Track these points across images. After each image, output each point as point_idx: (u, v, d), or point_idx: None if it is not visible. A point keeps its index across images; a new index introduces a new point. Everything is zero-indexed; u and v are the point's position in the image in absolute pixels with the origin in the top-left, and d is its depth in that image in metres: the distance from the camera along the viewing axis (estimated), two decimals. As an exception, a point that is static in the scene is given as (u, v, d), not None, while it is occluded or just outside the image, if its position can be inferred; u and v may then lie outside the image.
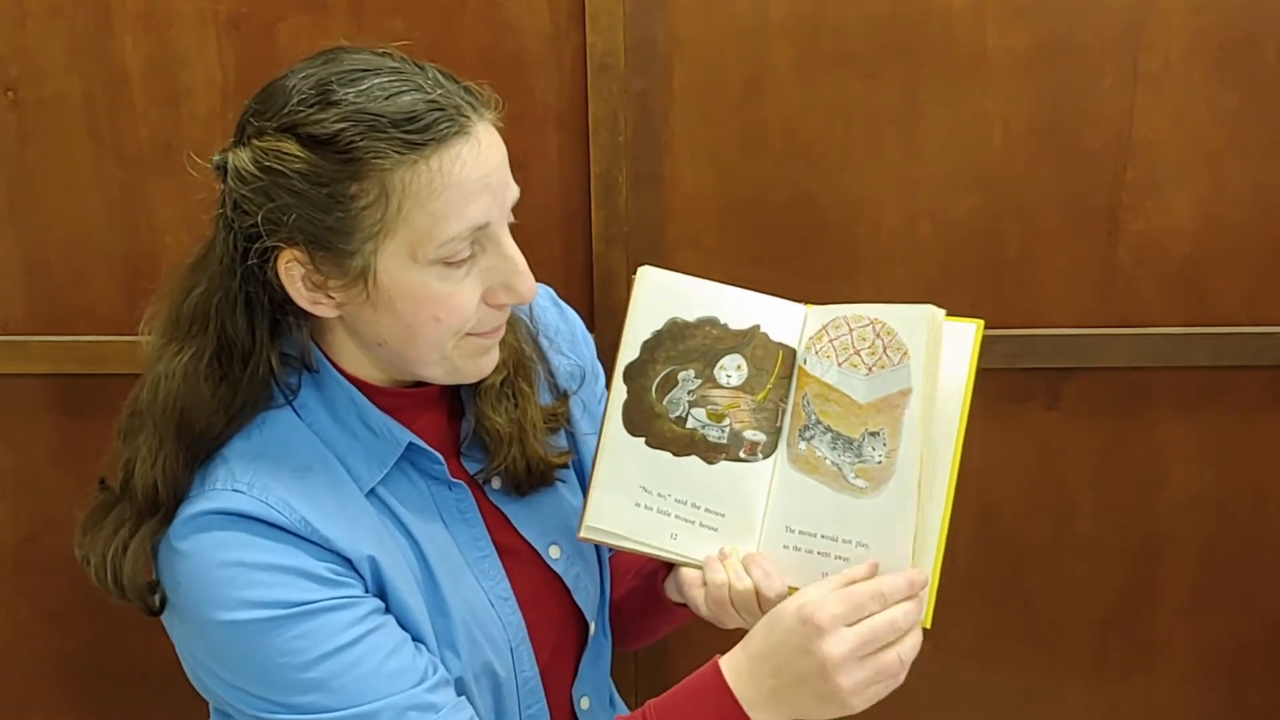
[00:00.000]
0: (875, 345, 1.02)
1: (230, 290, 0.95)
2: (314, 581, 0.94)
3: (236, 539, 0.93)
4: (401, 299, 0.93)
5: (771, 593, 0.99)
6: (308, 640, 0.93)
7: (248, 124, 0.93)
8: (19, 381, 1.56)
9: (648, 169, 1.46)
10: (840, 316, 1.05)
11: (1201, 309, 1.51)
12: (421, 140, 0.89)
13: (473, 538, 1.06)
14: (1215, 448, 1.57)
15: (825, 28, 1.42)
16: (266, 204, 0.90)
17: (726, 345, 1.06)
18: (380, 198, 0.90)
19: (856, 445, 1.01)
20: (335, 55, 0.94)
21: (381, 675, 0.94)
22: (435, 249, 0.91)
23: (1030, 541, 1.62)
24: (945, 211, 1.48)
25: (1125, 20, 1.41)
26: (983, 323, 1.02)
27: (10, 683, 1.70)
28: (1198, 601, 1.64)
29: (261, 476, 0.95)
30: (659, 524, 1.05)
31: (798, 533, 1.02)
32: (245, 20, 1.42)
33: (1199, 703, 1.69)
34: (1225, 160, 1.45)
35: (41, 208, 1.50)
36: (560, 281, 1.48)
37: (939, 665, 1.65)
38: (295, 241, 0.91)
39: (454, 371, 1.00)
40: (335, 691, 0.93)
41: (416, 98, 0.90)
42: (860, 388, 1.01)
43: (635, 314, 1.07)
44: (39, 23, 1.43)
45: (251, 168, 0.91)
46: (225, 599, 0.92)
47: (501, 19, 1.42)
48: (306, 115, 0.90)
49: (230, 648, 0.94)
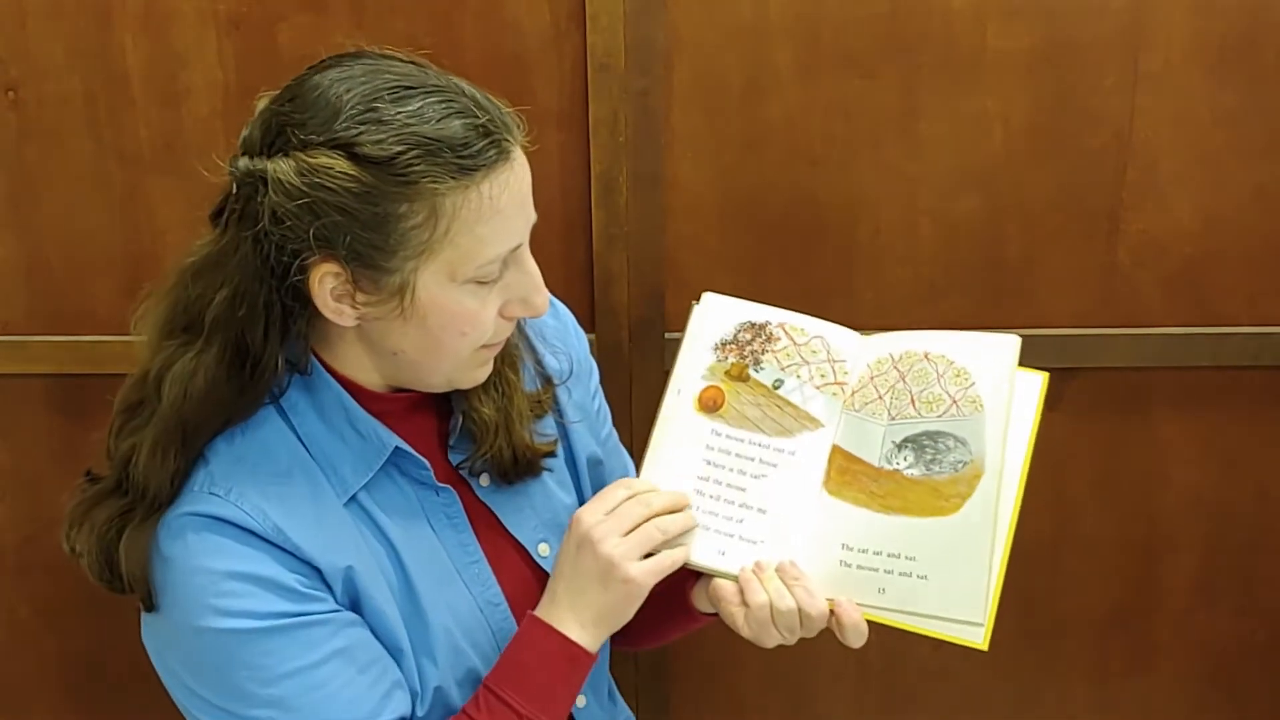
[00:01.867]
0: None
1: (256, 298, 0.94)
2: (284, 594, 0.95)
3: (210, 544, 0.94)
4: (435, 315, 0.94)
5: (815, 611, 1.00)
6: (273, 657, 0.94)
7: (290, 134, 0.90)
8: (19, 381, 1.56)
9: (648, 169, 1.46)
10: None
11: (1201, 309, 1.51)
12: (474, 165, 0.90)
13: (461, 543, 1.07)
14: (1215, 448, 1.57)
15: (825, 28, 1.42)
16: (314, 221, 0.89)
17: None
18: (429, 219, 0.90)
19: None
20: (374, 64, 0.93)
21: (339, 703, 0.96)
22: (474, 269, 0.93)
23: (1030, 541, 1.61)
24: (945, 211, 1.48)
25: (1125, 20, 1.41)
26: (1048, 375, 1.07)
27: (10, 683, 1.70)
28: (1198, 601, 1.64)
29: (239, 481, 0.96)
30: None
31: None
32: (245, 20, 1.42)
33: (1199, 703, 1.69)
34: (1225, 160, 1.45)
35: (42, 208, 1.50)
36: (560, 281, 1.48)
37: (939, 665, 1.65)
38: (337, 256, 0.91)
39: (455, 380, 1.02)
40: (293, 711, 0.95)
41: (467, 122, 0.91)
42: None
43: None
44: (39, 23, 1.43)
45: (297, 181, 0.89)
46: (196, 605, 0.94)
47: (501, 19, 1.42)
48: (360, 133, 0.89)
49: (196, 654, 0.96)
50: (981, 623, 1.00)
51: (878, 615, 1.02)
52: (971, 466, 1.02)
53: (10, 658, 1.69)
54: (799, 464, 1.06)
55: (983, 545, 1.00)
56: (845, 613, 1.01)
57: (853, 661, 1.67)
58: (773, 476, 1.06)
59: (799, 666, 1.68)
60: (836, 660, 1.67)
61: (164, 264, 1.47)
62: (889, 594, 1.01)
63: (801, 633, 1.02)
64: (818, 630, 1.02)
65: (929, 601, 1.01)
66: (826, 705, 1.69)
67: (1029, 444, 1.04)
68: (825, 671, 1.68)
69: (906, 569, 1.01)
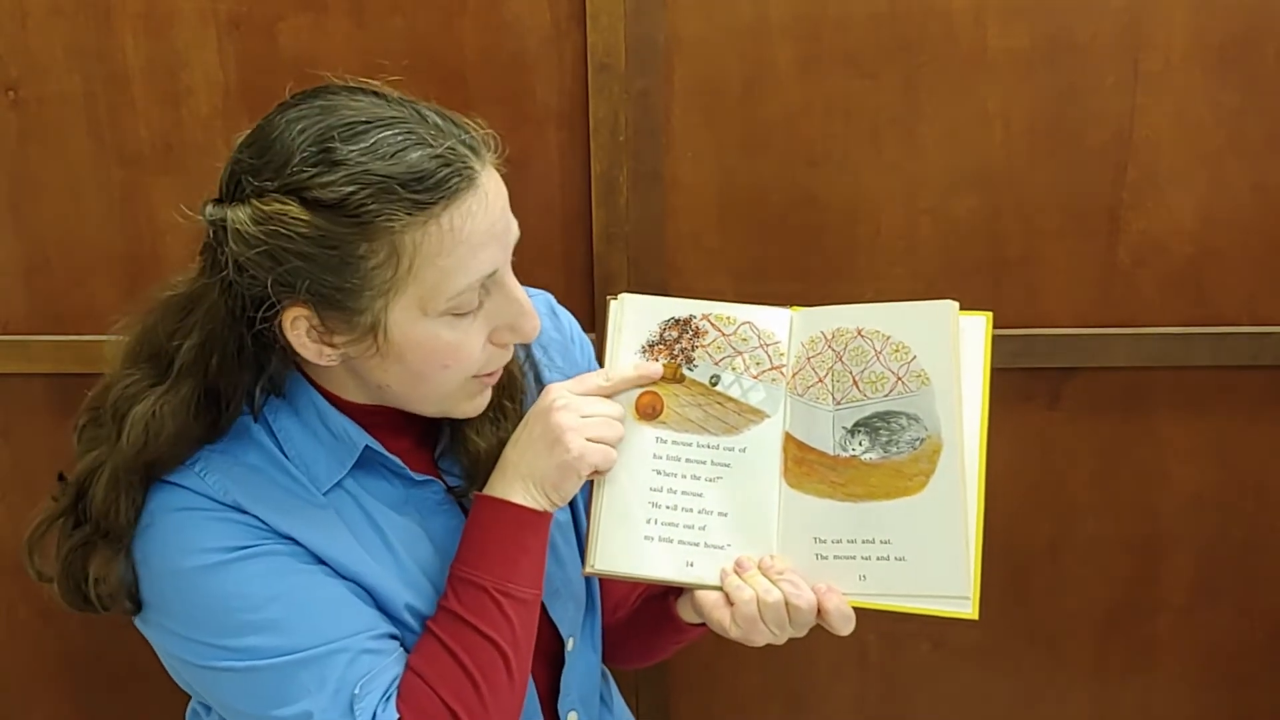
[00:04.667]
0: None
1: (226, 346, 0.95)
2: (251, 530, 0.96)
3: (177, 500, 0.96)
4: (412, 351, 0.94)
5: (802, 603, 0.99)
6: (254, 583, 0.95)
7: (245, 181, 0.90)
8: (19, 381, 1.56)
9: (648, 168, 1.46)
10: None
11: (1201, 309, 1.51)
12: (431, 199, 0.88)
13: (450, 529, 1.05)
14: (1215, 448, 1.57)
15: (826, 27, 1.42)
16: (275, 268, 0.89)
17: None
18: (390, 258, 0.89)
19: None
20: (330, 102, 0.91)
21: (333, 617, 0.96)
22: (445, 302, 0.92)
23: (1031, 541, 1.62)
24: (946, 211, 1.48)
25: (1125, 20, 1.41)
26: (991, 315, 1.02)
27: (10, 683, 1.70)
28: (1198, 601, 1.64)
29: (206, 458, 0.98)
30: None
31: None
32: (245, 20, 1.42)
33: (1199, 703, 1.69)
34: (1225, 160, 1.45)
35: (42, 207, 1.50)
36: (561, 281, 1.48)
37: (939, 665, 1.65)
38: (303, 301, 0.91)
39: (449, 410, 1.01)
40: (288, 632, 0.95)
41: (423, 154, 0.89)
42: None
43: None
44: (39, 22, 1.43)
45: (254, 229, 0.89)
46: (170, 549, 0.95)
47: (501, 19, 1.42)
48: (311, 176, 0.87)
49: (181, 599, 0.96)
50: (968, 595, 0.99)
51: (863, 601, 1.01)
52: (929, 442, 1.00)
53: (10, 658, 1.69)
54: (752, 460, 1.04)
55: (955, 518, 0.99)
56: (830, 601, 1.00)
57: (853, 661, 1.67)
58: (728, 477, 1.04)
59: (799, 667, 1.68)
60: (836, 660, 1.67)
61: (163, 264, 1.48)
62: (870, 580, 1.00)
63: (791, 629, 1.01)
64: (806, 626, 1.01)
65: (911, 582, 1.00)
66: (826, 705, 1.69)
67: (984, 392, 1.01)
68: (825, 671, 1.68)
69: (883, 553, 1.00)
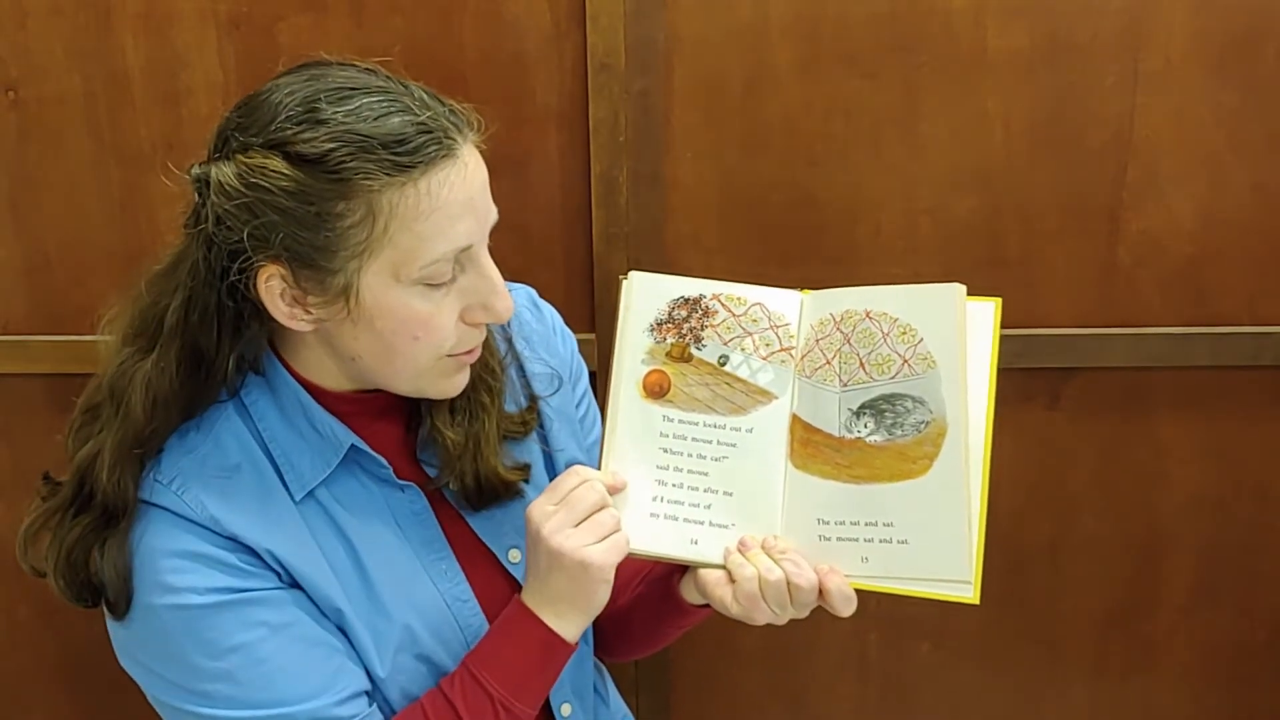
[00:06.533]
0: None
1: (207, 304, 0.96)
2: (226, 570, 0.96)
3: (153, 526, 0.97)
4: (382, 317, 0.94)
5: (804, 582, 1.00)
6: (218, 632, 0.96)
7: (231, 138, 0.93)
8: (19, 381, 1.56)
9: (648, 169, 1.46)
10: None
11: (1201, 309, 1.51)
12: (410, 163, 0.90)
13: (426, 540, 1.06)
14: (1215, 448, 1.57)
15: (826, 27, 1.42)
16: (251, 220, 0.90)
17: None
18: (367, 218, 0.90)
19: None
20: (321, 71, 0.94)
21: (288, 676, 0.97)
22: (419, 270, 0.92)
23: (1030, 541, 1.62)
24: (946, 211, 1.48)
25: (1125, 20, 1.41)
26: (1000, 300, 1.03)
27: (10, 683, 1.70)
28: (1198, 601, 1.64)
29: (184, 472, 0.98)
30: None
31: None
32: (245, 20, 1.42)
33: (1199, 703, 1.69)
34: (1225, 160, 1.45)
35: (42, 208, 1.50)
36: (560, 281, 1.48)
37: (939, 665, 1.66)
38: (278, 258, 0.92)
39: (423, 389, 1.01)
40: (242, 685, 0.96)
41: (405, 120, 0.90)
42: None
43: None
44: (39, 22, 1.43)
45: (236, 183, 0.90)
46: (143, 584, 0.96)
47: (501, 19, 1.42)
48: (295, 133, 0.90)
49: (148, 632, 0.98)
50: (969, 579, 0.99)
51: (864, 583, 1.01)
52: (934, 425, 1.00)
53: (10, 658, 1.69)
54: (759, 441, 1.04)
55: (958, 502, 0.99)
56: (832, 581, 1.00)
57: (853, 661, 1.67)
58: (734, 457, 1.04)
59: (799, 667, 1.68)
60: (836, 660, 1.67)
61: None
62: (872, 562, 1.01)
63: (792, 609, 1.01)
64: (808, 606, 1.01)
65: (913, 565, 1.00)
66: (826, 705, 1.69)
67: (990, 378, 1.01)
68: (825, 671, 1.68)
69: (886, 535, 1.00)
